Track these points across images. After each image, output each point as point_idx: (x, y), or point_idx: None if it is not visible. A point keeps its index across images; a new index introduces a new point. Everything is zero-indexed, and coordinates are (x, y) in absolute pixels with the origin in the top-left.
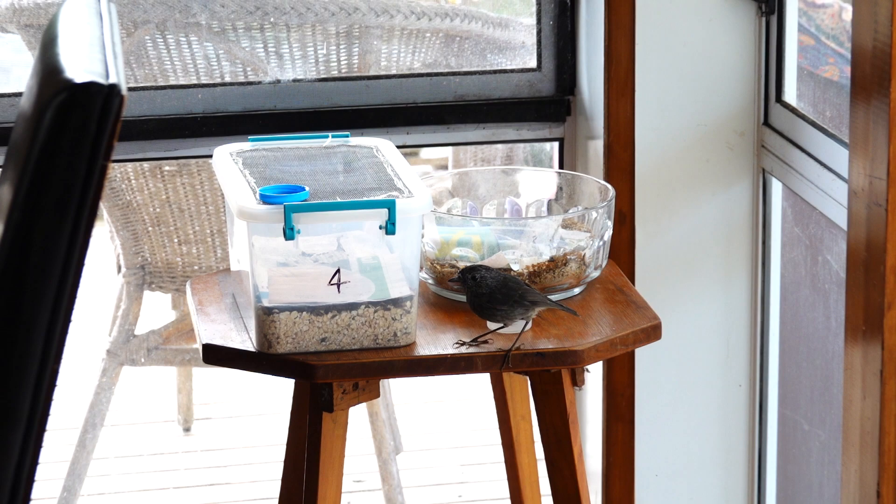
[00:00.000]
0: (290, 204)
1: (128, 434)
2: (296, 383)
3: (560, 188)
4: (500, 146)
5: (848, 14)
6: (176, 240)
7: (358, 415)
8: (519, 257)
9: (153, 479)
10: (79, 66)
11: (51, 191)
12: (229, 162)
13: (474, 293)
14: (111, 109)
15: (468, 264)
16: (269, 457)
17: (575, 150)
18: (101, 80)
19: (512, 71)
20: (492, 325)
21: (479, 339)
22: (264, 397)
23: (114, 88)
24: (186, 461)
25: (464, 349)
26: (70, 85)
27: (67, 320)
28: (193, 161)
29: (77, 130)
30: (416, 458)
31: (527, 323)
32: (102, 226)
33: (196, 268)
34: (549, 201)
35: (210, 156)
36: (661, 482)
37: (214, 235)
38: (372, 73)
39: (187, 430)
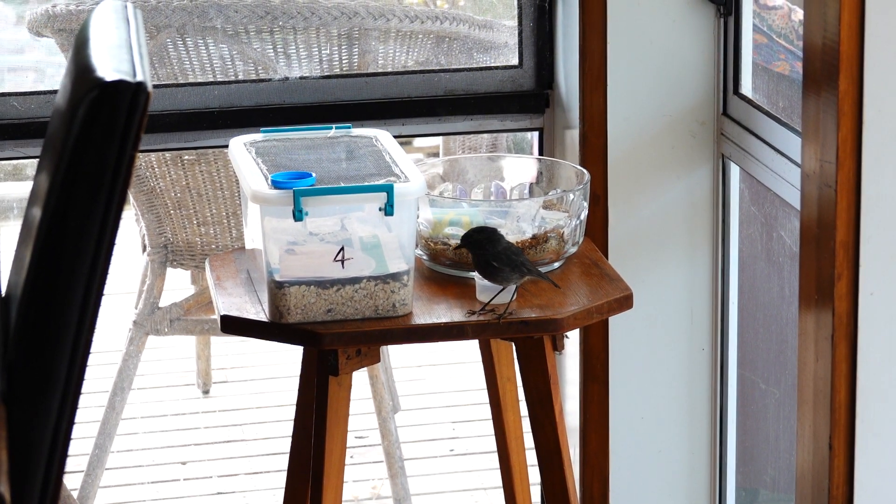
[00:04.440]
0: (298, 189)
1: (153, 396)
2: (304, 350)
3: (540, 173)
4: (485, 136)
5: (797, 15)
6: (195, 222)
7: (360, 378)
8: (504, 235)
9: (175, 436)
10: (108, 65)
11: (84, 178)
12: (243, 151)
13: (479, 253)
14: (138, 104)
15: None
16: (280, 416)
17: (553, 139)
18: (129, 79)
19: (496, 68)
20: (481, 297)
21: (486, 308)
22: (276, 363)
23: (140, 86)
24: (205, 420)
25: (471, 318)
26: (101, 83)
27: (99, 295)
28: (211, 151)
29: (107, 124)
30: (412, 416)
31: (514, 293)
32: (128, 209)
33: (214, 247)
34: (531, 185)
35: (226, 146)
36: (632, 437)
37: (230, 217)
38: (370, 70)
39: (206, 392)
